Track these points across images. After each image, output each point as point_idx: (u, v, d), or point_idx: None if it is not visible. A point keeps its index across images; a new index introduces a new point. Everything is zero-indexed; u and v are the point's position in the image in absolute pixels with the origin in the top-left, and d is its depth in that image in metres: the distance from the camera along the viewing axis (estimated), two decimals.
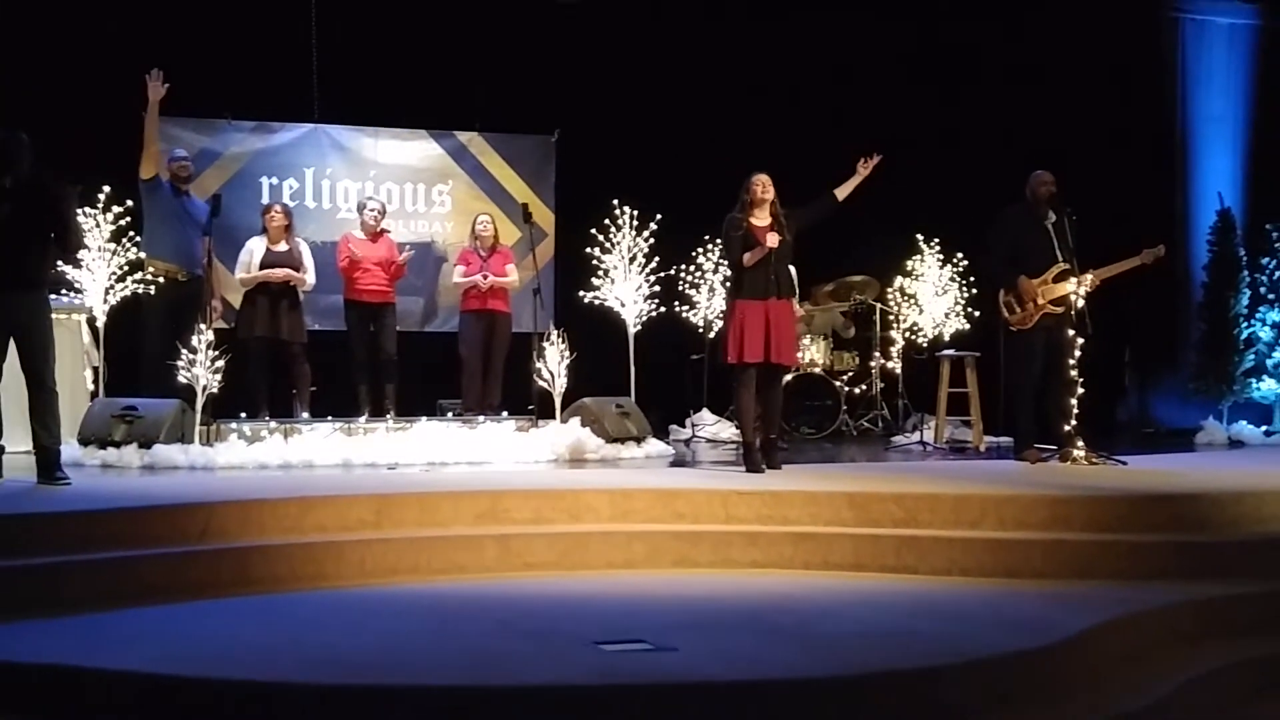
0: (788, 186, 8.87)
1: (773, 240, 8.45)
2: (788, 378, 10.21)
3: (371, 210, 10.95)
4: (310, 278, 10.61)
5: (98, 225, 9.41)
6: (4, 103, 9.96)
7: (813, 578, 6.77)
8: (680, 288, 11.47)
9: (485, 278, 10.94)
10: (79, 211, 8.34)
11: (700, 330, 11.48)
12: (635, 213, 10.99)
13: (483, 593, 6.25)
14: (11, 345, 7.44)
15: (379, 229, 10.91)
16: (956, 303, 11.87)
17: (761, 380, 8.75)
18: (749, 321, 8.49)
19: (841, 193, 9.00)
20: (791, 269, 8.98)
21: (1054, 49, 13.74)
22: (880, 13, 13.61)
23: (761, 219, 8.59)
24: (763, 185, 8.62)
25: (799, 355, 11.88)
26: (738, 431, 9.85)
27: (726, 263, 9.20)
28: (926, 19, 13.73)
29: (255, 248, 10.50)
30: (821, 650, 5.10)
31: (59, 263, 8.31)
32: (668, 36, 13.11)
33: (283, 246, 10.46)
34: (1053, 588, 6.44)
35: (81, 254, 8.92)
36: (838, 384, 12.46)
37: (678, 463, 9.80)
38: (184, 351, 9.15)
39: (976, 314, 11.65)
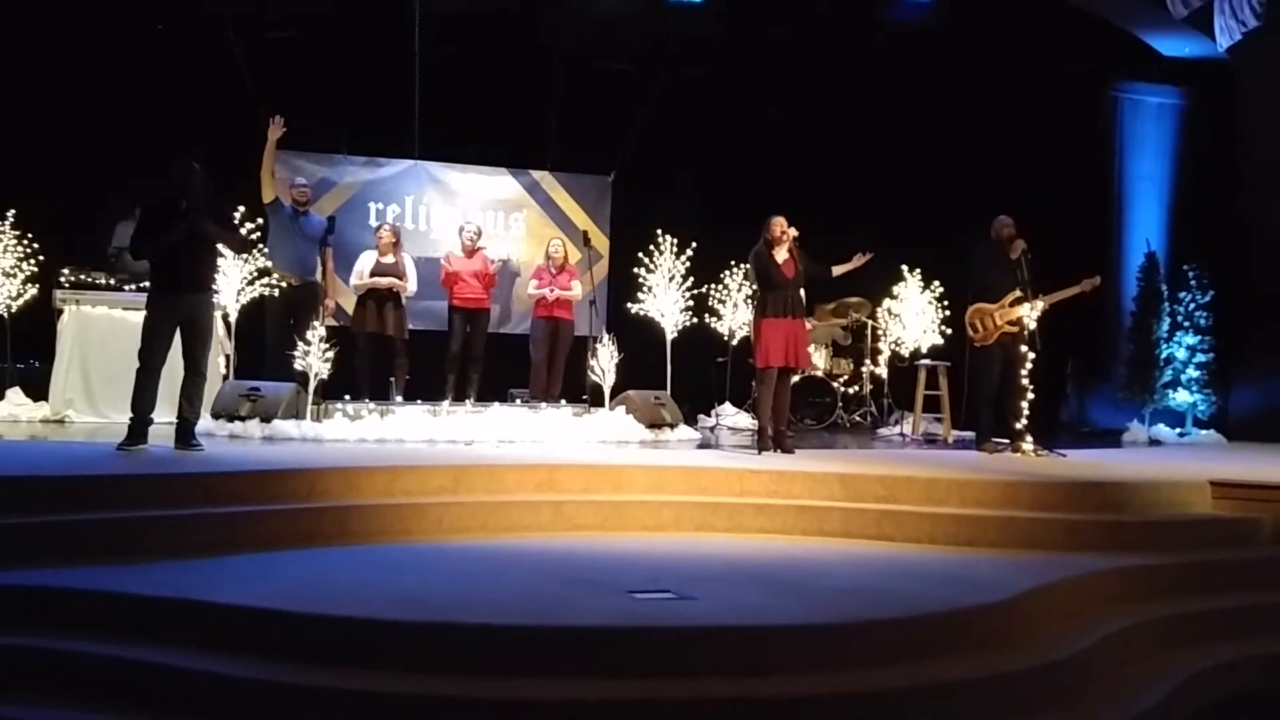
0: (801, 229, 8.97)
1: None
2: (795, 379, 10.17)
3: (468, 232, 10.96)
4: (412, 285, 10.64)
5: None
6: (162, 136, 9.99)
7: (810, 542, 6.79)
8: (709, 303, 11.43)
9: (552, 291, 10.90)
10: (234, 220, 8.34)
11: (725, 338, 11.43)
12: (674, 241, 10.98)
13: (538, 548, 6.24)
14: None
15: (475, 247, 10.89)
16: (932, 322, 11.89)
17: (780, 381, 8.91)
18: (773, 335, 8.74)
19: (837, 270, 9.41)
20: (801, 292, 8.99)
21: (1018, 119, 13.69)
22: (881, 98, 13.66)
23: (781, 254, 8.76)
24: (780, 226, 8.79)
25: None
26: (755, 420, 9.90)
27: (755, 286, 9.23)
28: (917, 100, 13.72)
29: (367, 259, 10.54)
30: (817, 602, 5.12)
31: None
32: (702, 101, 13.11)
33: (390, 259, 10.48)
34: (1004, 555, 6.47)
35: (228, 254, 8.93)
36: (835, 384, 12.46)
37: (703, 446, 9.75)
38: (299, 343, 9.17)
39: (948, 331, 11.66)
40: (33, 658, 4.63)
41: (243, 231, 8.94)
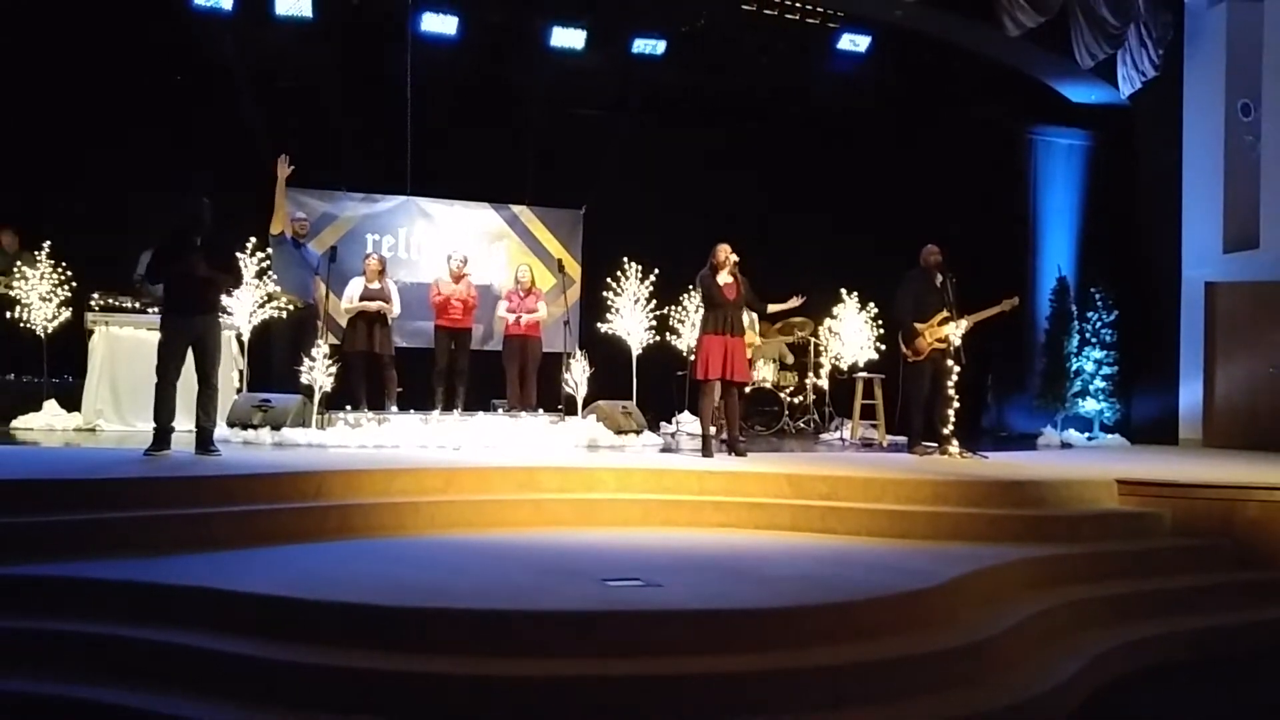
0: (749, 259, 9.01)
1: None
2: (747, 389, 10.19)
3: (455, 261, 10.90)
4: (396, 308, 10.54)
5: (245, 267, 9.36)
6: (180, 176, 9.95)
7: (762, 535, 6.79)
8: (670, 323, 11.46)
9: (519, 318, 10.86)
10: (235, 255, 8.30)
11: (684, 354, 11.45)
12: (639, 268, 11.00)
13: (520, 541, 6.22)
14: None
15: (461, 273, 10.86)
16: (868, 339, 11.88)
17: (724, 393, 8.83)
18: (712, 351, 8.64)
19: (773, 308, 9.91)
20: (747, 315, 8.99)
21: (943, 159, 13.76)
22: (822, 140, 13.72)
23: (724, 277, 8.70)
24: (725, 253, 8.72)
25: (754, 374, 11.92)
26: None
27: (701, 306, 9.14)
28: (854, 141, 13.79)
29: (355, 285, 10.45)
30: (769, 587, 5.13)
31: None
32: (663, 143, 13.13)
33: (376, 285, 10.40)
34: (934, 546, 6.47)
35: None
36: (782, 395, 12.45)
37: (665, 450, 9.73)
38: (304, 359, 9.13)
39: (882, 347, 11.67)
40: (68, 640, 4.61)
41: (244, 265, 8.91)
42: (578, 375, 10.32)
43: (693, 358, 9.32)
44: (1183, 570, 6.96)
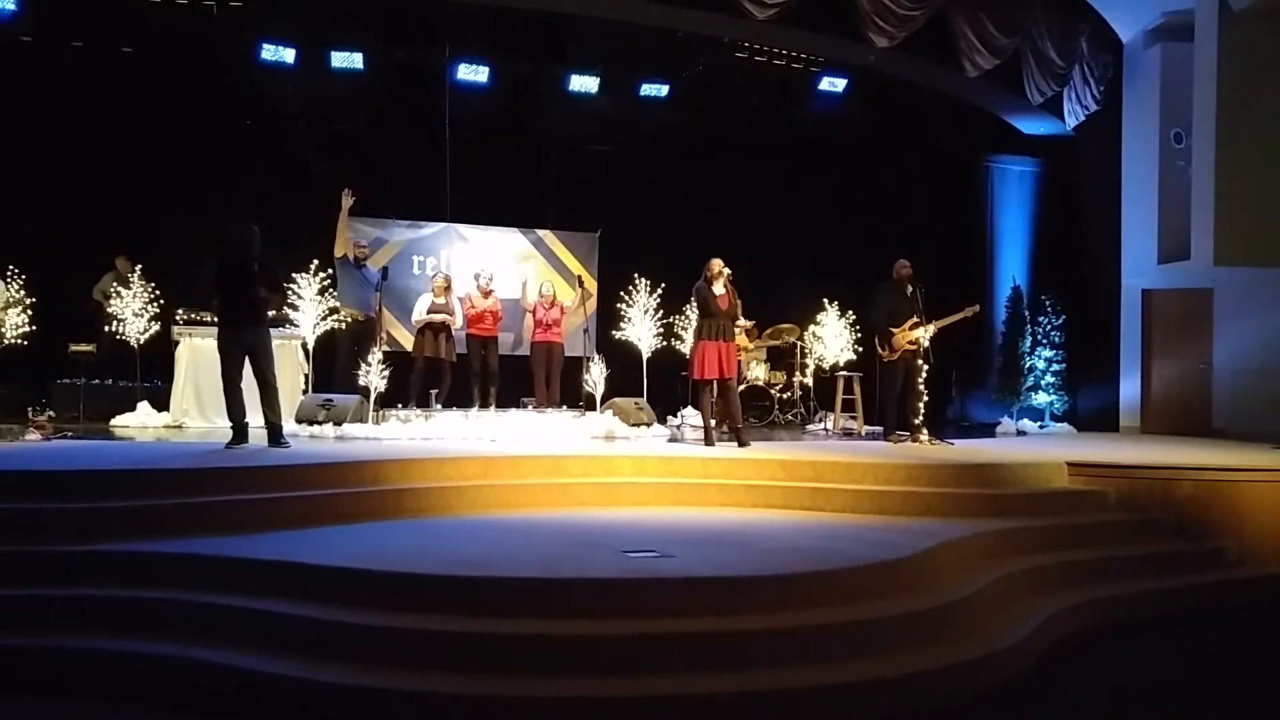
0: (742, 273, 9.01)
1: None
2: (741, 388, 10.14)
3: (484, 279, 10.90)
4: (457, 321, 10.54)
5: (309, 285, 9.44)
6: (249, 206, 10.01)
7: (758, 513, 6.82)
8: (675, 330, 11.46)
9: (547, 327, 10.88)
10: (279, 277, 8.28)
11: (686, 357, 11.43)
12: (648, 282, 11.00)
13: (550, 519, 6.26)
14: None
15: (489, 289, 10.89)
16: (847, 342, 11.85)
17: (721, 391, 8.73)
18: (707, 354, 8.52)
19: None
20: (741, 322, 8.90)
21: (912, 184, 13.78)
22: (805, 169, 13.70)
23: (718, 289, 8.60)
24: (718, 266, 8.63)
25: (748, 374, 11.94)
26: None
27: (697, 314, 9.05)
28: (834, 169, 13.78)
29: (424, 301, 10.43)
30: (767, 557, 5.16)
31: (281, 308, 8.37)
32: (667, 174, 13.06)
33: (441, 300, 10.38)
34: (907, 522, 6.50)
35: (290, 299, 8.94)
36: (772, 391, 12.43)
37: (672, 440, 9.71)
38: (362, 365, 9.18)
39: (860, 349, 11.64)
40: (167, 607, 4.70)
41: (307, 283, 8.98)
42: (596, 376, 10.31)
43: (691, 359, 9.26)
44: (1125, 541, 7.00)
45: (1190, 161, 12.13)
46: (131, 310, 9.82)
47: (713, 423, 8.75)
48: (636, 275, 11.07)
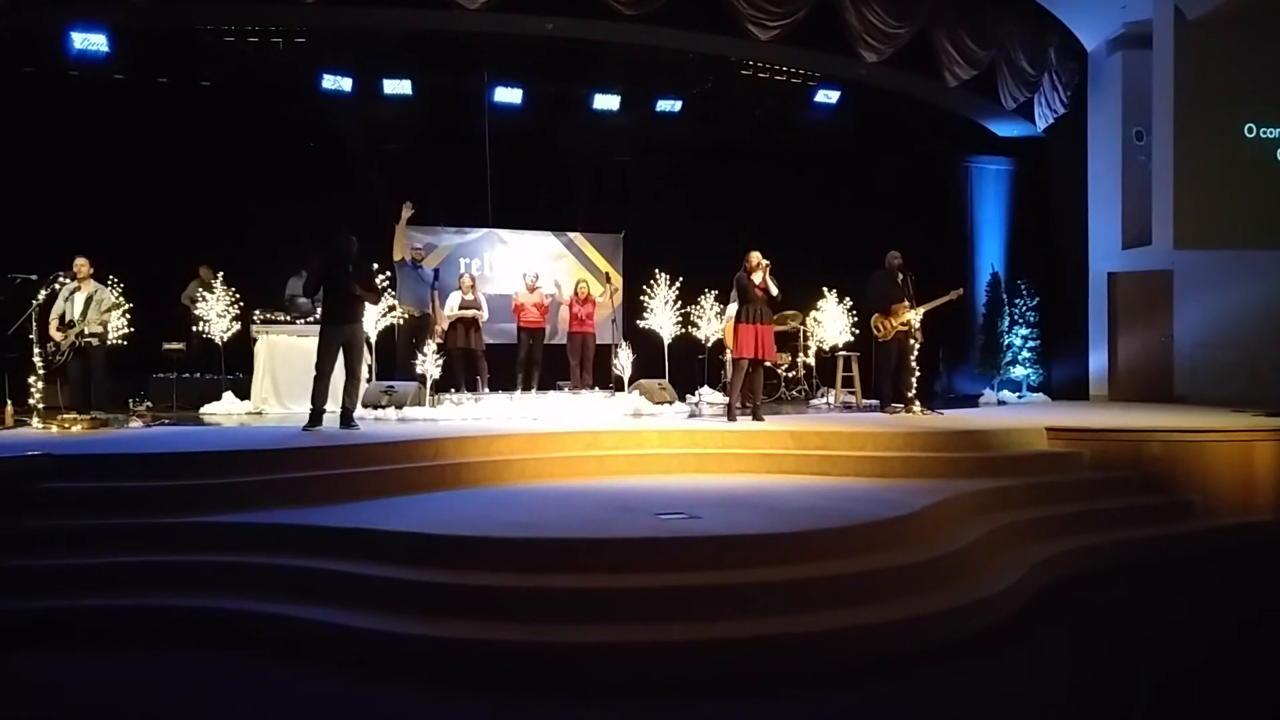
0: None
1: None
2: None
3: (529, 277, 10.93)
4: (485, 314, 10.54)
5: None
6: (316, 218, 10.04)
7: (773, 478, 6.79)
8: (692, 318, 11.44)
9: (581, 320, 10.89)
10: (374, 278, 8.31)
11: (703, 342, 11.45)
12: (667, 277, 11.00)
13: (589, 487, 6.27)
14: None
15: (534, 285, 10.90)
16: (845, 326, 11.80)
17: (752, 370, 8.61)
18: (745, 335, 8.38)
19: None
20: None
21: (900, 183, 13.66)
22: (804, 172, 13.62)
23: (757, 277, 8.41)
24: (756, 258, 8.44)
25: None
26: (726, 397, 9.69)
27: (735, 299, 8.72)
28: (830, 172, 13.70)
29: (455, 298, 10.46)
30: (783, 517, 5.13)
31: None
32: (681, 181, 13.07)
33: (470, 296, 10.41)
34: (905, 484, 6.47)
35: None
36: (779, 371, 12.41)
37: (692, 415, 9.70)
38: (419, 355, 9.20)
39: (857, 331, 11.58)
40: (263, 570, 4.73)
41: (378, 282, 8.99)
42: (624, 360, 10.34)
43: (710, 341, 9.11)
44: (1100, 496, 6.92)
45: (1150, 157, 12.01)
46: (215, 312, 9.88)
47: (738, 402, 8.64)
48: (657, 270, 11.08)
